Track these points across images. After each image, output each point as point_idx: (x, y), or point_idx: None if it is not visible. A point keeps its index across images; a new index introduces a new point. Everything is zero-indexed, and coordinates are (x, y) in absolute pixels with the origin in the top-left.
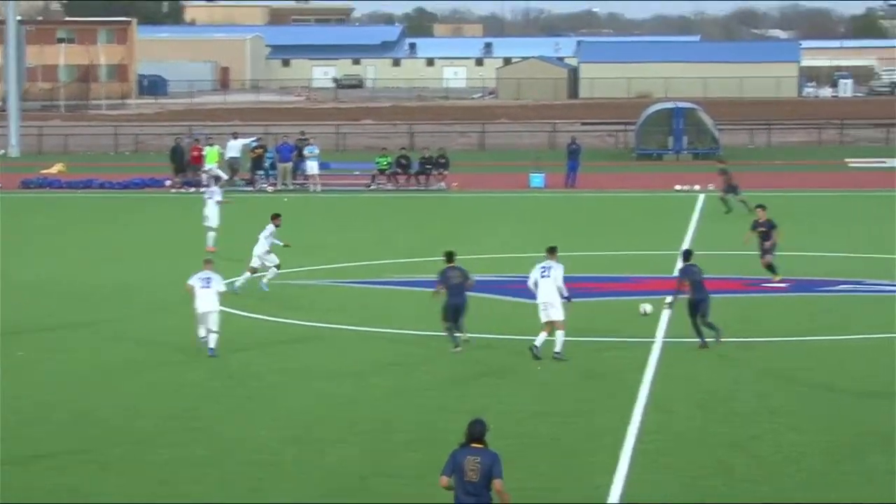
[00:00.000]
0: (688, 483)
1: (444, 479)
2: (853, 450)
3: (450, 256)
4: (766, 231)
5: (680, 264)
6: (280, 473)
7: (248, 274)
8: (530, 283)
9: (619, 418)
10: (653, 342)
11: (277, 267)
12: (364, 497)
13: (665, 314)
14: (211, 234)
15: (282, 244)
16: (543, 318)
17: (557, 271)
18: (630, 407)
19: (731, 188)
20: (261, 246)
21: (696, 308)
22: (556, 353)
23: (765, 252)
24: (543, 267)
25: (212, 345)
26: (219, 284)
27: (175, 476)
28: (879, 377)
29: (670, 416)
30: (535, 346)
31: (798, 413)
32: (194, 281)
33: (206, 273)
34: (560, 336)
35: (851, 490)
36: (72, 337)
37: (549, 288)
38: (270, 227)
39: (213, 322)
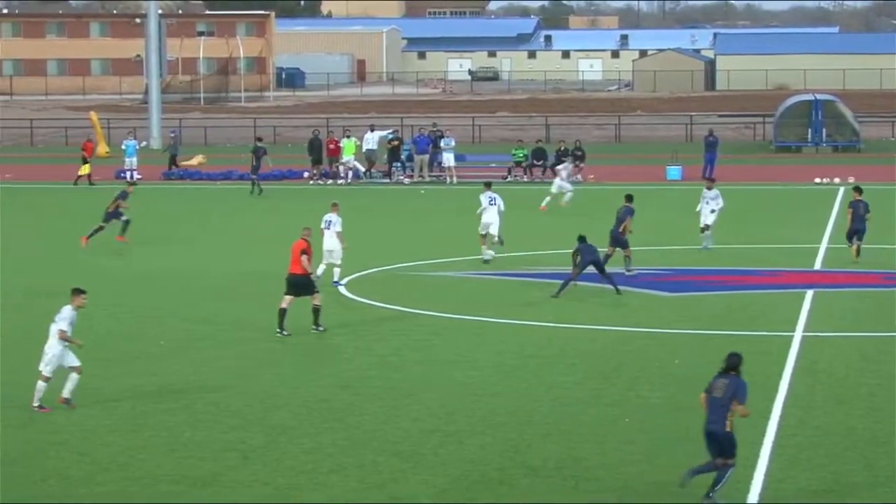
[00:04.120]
0: (828, 479)
1: (703, 396)
2: None
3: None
4: None
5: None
6: (419, 464)
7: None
8: None
9: (757, 413)
10: (792, 336)
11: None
12: (503, 489)
13: (805, 311)
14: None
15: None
16: None
17: None
18: (769, 401)
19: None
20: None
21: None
22: None
23: None
24: None
25: (335, 278)
26: (337, 226)
27: (315, 465)
28: None
29: (810, 411)
30: None
31: None
32: (323, 223)
33: (329, 216)
34: None
35: None
36: (207, 329)
37: None
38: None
39: (336, 257)
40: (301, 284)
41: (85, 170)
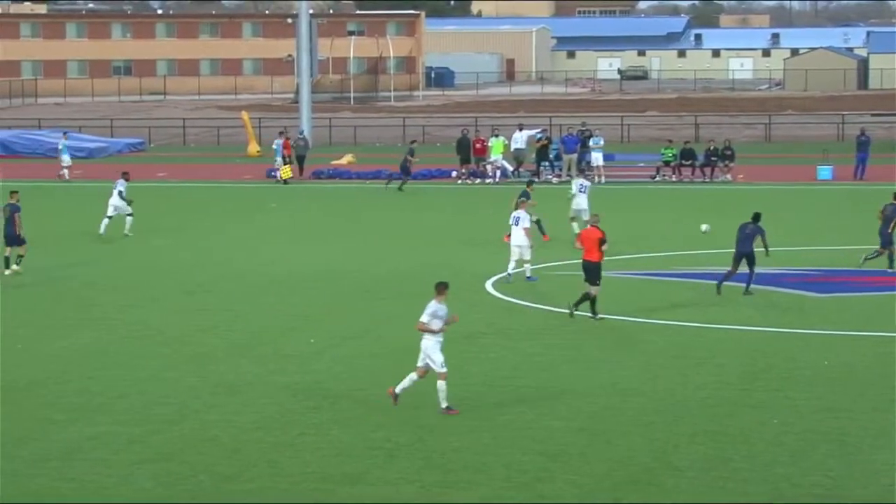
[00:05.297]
0: None
1: None
2: None
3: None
4: None
5: None
6: (566, 463)
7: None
8: None
9: None
10: None
11: None
12: (650, 489)
13: None
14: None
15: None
16: None
17: None
18: None
19: None
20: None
21: None
22: None
23: None
24: None
25: (528, 274)
26: (525, 221)
27: (462, 464)
28: None
29: None
30: None
31: None
32: (511, 220)
33: (517, 213)
34: None
35: None
36: (353, 326)
37: None
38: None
39: (526, 253)
40: (591, 270)
41: (286, 172)
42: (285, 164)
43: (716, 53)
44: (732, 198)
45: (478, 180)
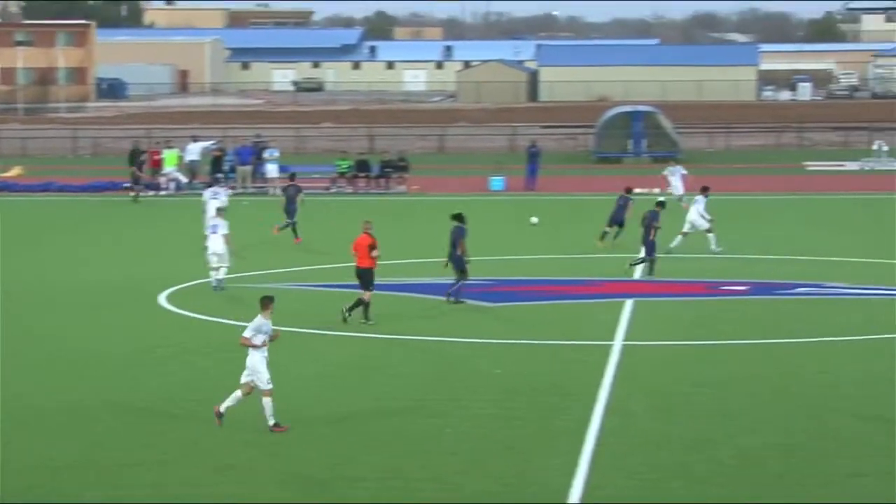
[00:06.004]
0: (647, 485)
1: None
2: (811, 453)
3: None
4: None
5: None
6: (239, 476)
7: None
8: None
9: (578, 421)
10: (611, 345)
11: None
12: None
13: (624, 320)
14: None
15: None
16: None
17: None
18: (589, 409)
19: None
20: None
21: None
22: None
23: None
24: None
25: (220, 275)
26: (223, 228)
27: (133, 480)
28: (838, 381)
29: (629, 418)
30: None
31: (756, 416)
32: (207, 230)
33: (215, 220)
34: None
35: (809, 493)
36: None
37: None
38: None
39: (224, 260)
40: (363, 276)
41: None
42: None
43: (390, 65)
44: (407, 208)
45: (151, 192)
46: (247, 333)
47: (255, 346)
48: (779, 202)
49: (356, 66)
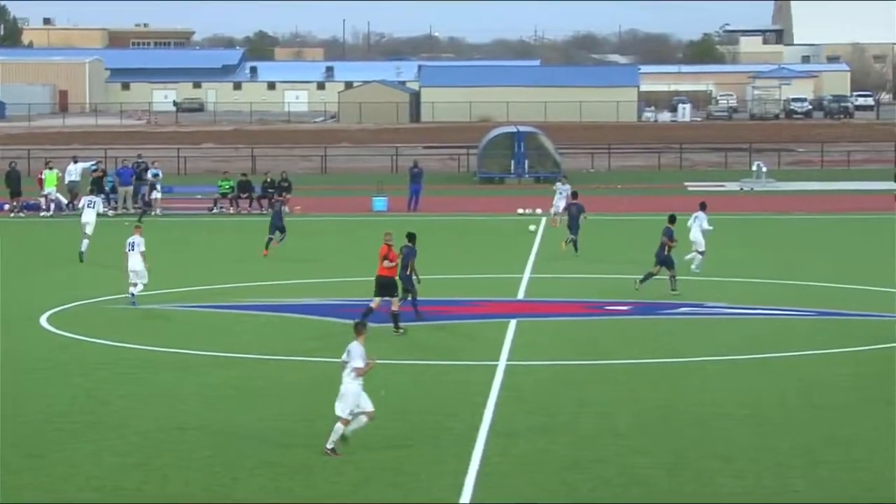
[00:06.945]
0: None
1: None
2: (697, 472)
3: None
4: None
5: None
6: (122, 500)
7: None
8: None
9: (463, 442)
10: (496, 365)
11: None
12: None
13: (508, 340)
14: (85, 242)
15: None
16: None
17: None
18: (475, 430)
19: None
20: None
21: None
22: None
23: None
24: None
25: (135, 290)
26: (140, 246)
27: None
28: (721, 399)
29: (514, 439)
30: None
31: (642, 435)
32: (126, 246)
33: (133, 238)
34: None
35: None
36: None
37: None
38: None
39: (141, 277)
40: (386, 286)
41: None
42: None
43: (271, 86)
44: (290, 229)
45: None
46: (360, 363)
47: (365, 373)
48: (660, 223)
49: (237, 86)
